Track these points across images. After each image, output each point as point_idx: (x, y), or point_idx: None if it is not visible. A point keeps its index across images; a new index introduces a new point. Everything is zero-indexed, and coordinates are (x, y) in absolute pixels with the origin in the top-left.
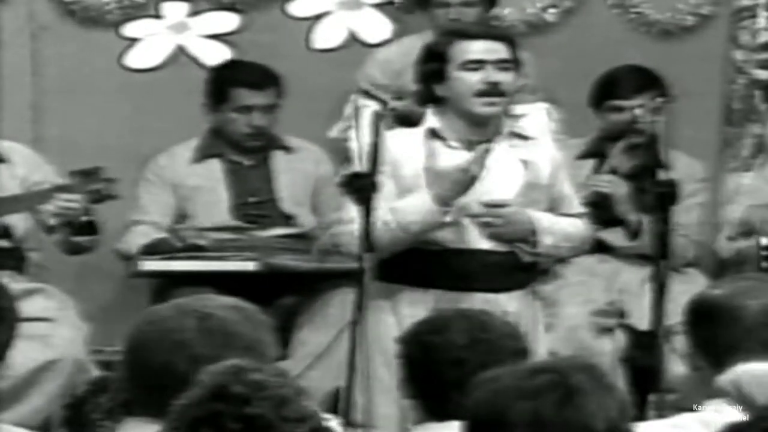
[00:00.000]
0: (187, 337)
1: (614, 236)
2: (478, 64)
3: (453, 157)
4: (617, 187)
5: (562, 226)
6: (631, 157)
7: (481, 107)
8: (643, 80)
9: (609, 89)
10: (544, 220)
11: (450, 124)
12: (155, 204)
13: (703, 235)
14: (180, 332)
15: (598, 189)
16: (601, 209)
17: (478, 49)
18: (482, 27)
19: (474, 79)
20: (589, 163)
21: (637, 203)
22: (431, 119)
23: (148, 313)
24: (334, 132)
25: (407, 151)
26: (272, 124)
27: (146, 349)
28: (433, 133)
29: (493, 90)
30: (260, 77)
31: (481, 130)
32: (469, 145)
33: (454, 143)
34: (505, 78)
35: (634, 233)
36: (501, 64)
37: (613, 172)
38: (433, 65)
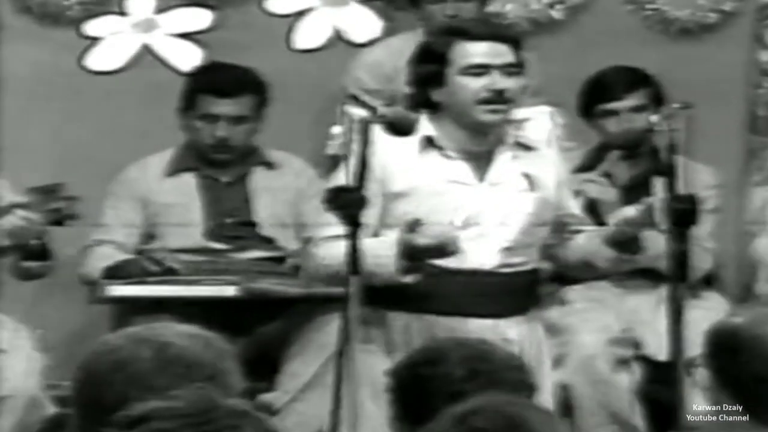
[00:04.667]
0: (143, 368)
1: None
2: (482, 69)
3: (450, 168)
4: (605, 193)
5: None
6: (631, 167)
7: (483, 114)
8: (632, 78)
9: (597, 93)
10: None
11: (447, 132)
12: (120, 221)
13: (721, 244)
14: (135, 363)
15: (586, 194)
16: (589, 215)
17: (481, 51)
18: (486, 26)
19: (477, 85)
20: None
21: None
22: (426, 126)
23: (99, 344)
24: (331, 149)
25: (399, 163)
26: (247, 137)
27: (98, 383)
28: (429, 142)
29: (498, 98)
30: (231, 83)
31: (482, 140)
32: (469, 156)
33: (452, 153)
34: (511, 84)
35: None
36: (507, 69)
37: (607, 176)
38: (431, 68)
